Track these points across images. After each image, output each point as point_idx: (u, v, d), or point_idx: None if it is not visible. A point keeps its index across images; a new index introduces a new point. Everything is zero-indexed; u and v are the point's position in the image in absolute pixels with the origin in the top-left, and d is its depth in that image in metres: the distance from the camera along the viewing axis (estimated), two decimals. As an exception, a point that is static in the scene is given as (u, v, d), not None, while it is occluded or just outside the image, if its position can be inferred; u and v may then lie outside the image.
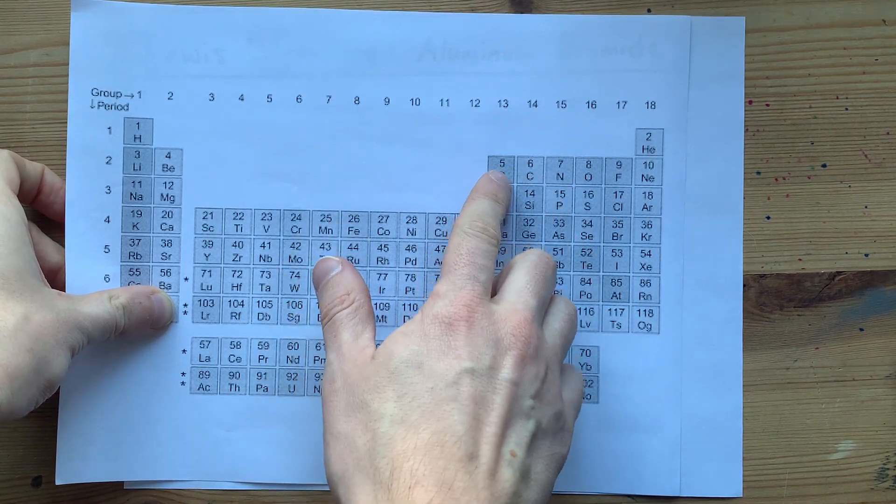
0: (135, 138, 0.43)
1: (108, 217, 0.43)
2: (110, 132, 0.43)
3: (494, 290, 0.39)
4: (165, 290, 0.43)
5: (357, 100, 0.43)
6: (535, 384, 0.36)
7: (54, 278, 0.42)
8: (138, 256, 0.43)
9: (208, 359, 0.43)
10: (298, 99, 0.43)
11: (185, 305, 0.43)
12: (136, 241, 0.43)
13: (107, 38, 0.42)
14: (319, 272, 0.40)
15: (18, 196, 0.40)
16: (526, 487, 0.34)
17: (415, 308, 0.43)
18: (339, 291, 0.39)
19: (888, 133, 0.44)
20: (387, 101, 0.43)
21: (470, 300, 0.36)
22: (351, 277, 0.39)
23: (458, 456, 0.33)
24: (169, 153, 0.43)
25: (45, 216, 0.43)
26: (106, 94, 0.43)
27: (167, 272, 0.43)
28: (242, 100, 0.43)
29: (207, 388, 0.43)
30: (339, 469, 0.35)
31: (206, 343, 0.43)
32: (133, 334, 0.42)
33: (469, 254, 0.38)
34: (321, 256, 0.43)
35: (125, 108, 0.43)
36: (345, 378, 0.36)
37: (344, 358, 0.37)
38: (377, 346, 0.37)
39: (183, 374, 0.43)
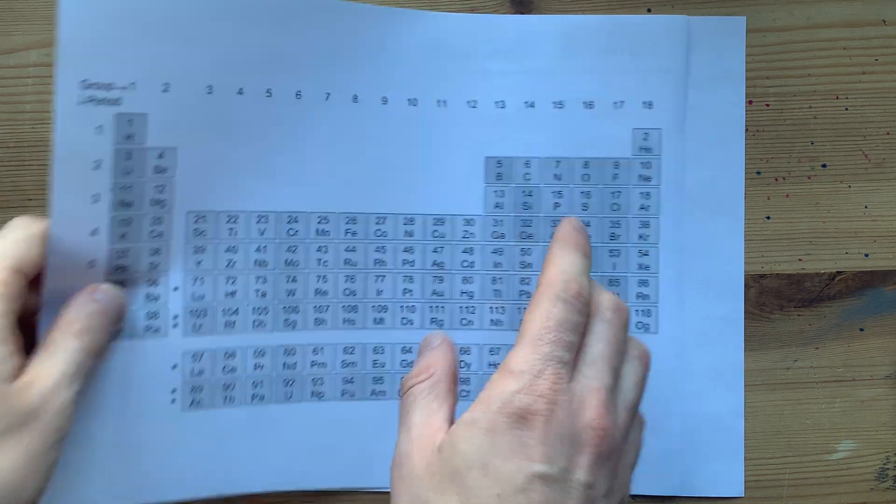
0: (126, 137, 0.40)
1: (96, 229, 0.40)
2: (100, 131, 0.40)
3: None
4: (153, 302, 0.40)
5: (355, 98, 0.42)
6: (608, 482, 0.33)
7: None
8: (125, 270, 0.40)
9: (201, 372, 0.41)
10: (298, 95, 0.42)
11: (176, 317, 0.41)
12: (124, 253, 0.40)
13: (99, 23, 0.39)
14: (420, 346, 0.39)
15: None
16: None
17: (413, 310, 0.43)
18: (420, 365, 0.37)
19: (888, 133, 0.44)
20: (384, 101, 0.42)
21: (551, 390, 0.33)
22: (439, 353, 0.38)
23: None
24: (162, 153, 0.40)
25: None
26: (96, 86, 0.40)
27: (154, 282, 0.41)
28: (241, 94, 0.41)
29: (200, 402, 0.41)
30: None
31: (198, 356, 0.41)
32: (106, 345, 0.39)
33: (557, 327, 0.34)
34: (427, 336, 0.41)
35: (116, 102, 0.40)
36: (411, 467, 0.34)
37: (412, 442, 0.34)
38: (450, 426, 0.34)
39: (173, 391, 0.41)
